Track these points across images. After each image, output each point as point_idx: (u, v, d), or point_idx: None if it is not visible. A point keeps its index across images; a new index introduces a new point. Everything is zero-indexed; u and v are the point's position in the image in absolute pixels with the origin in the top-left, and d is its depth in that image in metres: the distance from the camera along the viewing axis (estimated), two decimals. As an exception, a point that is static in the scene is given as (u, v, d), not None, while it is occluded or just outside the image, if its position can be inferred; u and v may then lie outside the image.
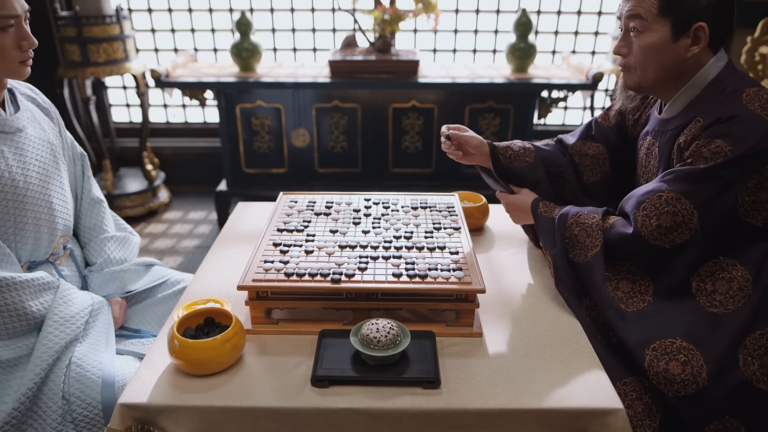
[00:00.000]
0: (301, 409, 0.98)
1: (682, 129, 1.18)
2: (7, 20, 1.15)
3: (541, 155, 1.45)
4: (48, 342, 1.20)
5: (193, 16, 3.47)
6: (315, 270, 1.15)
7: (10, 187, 1.24)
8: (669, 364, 1.07)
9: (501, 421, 0.98)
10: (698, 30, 1.13)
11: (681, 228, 1.10)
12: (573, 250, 1.22)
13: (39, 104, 1.41)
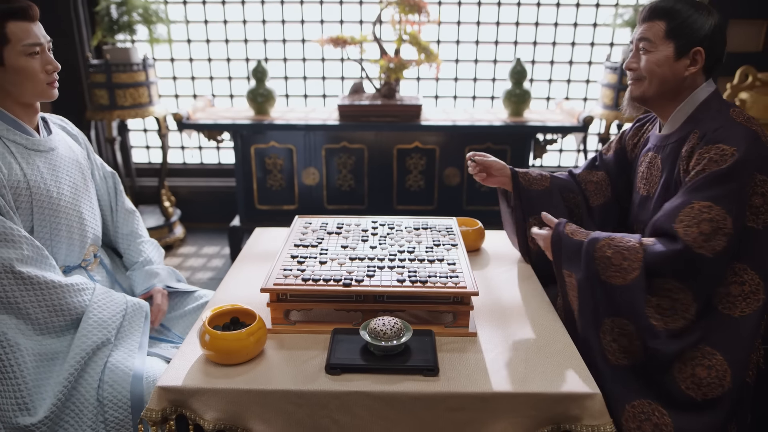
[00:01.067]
0: (316, 392, 1.11)
1: (682, 142, 1.37)
2: (33, 47, 1.36)
3: (556, 182, 1.67)
4: (82, 343, 1.34)
5: (211, 65, 3.73)
6: (328, 276, 1.30)
7: (46, 197, 1.42)
8: (696, 369, 1.21)
9: (492, 404, 1.12)
10: (696, 53, 1.34)
11: (718, 234, 1.22)
12: (606, 272, 1.28)
13: (68, 131, 1.61)
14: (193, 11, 3.63)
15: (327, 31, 3.61)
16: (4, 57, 1.33)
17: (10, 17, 1.32)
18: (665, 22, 1.35)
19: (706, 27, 1.33)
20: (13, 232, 1.31)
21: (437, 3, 3.58)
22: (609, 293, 1.27)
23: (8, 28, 1.32)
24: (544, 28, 3.64)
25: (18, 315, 1.31)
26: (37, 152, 1.44)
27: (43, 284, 1.34)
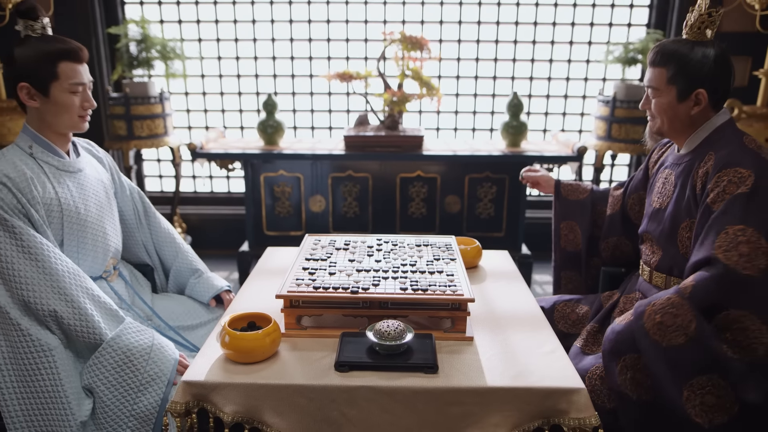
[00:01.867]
0: (326, 386, 1.22)
1: (696, 161, 1.49)
2: (77, 86, 1.52)
3: (596, 195, 1.94)
4: (87, 372, 1.42)
5: (223, 98, 3.93)
6: (337, 285, 1.42)
7: (74, 214, 1.56)
8: (704, 397, 1.26)
9: (487, 399, 1.22)
10: (698, 95, 1.46)
11: (758, 253, 1.28)
12: (666, 337, 1.30)
13: (94, 154, 1.76)
14: (208, 48, 3.84)
15: (334, 67, 3.81)
16: (50, 91, 1.49)
17: (64, 57, 1.48)
18: (666, 69, 1.47)
19: (705, 68, 1.43)
20: (59, 258, 1.45)
21: (438, 41, 3.79)
22: (678, 355, 1.28)
23: (60, 67, 1.48)
24: (540, 64, 3.83)
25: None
26: (68, 173, 1.58)
27: (90, 295, 1.47)
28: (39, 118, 1.53)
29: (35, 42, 1.49)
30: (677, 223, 1.52)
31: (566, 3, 3.72)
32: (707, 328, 1.28)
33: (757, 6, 3.12)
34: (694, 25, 1.46)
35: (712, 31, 1.46)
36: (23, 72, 1.47)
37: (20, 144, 1.52)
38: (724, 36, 3.50)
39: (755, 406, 1.24)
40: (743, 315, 1.28)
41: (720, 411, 1.25)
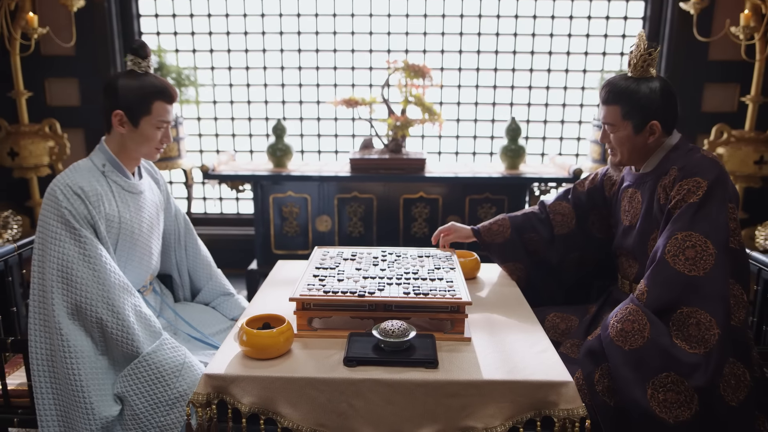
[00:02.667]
0: (335, 379, 1.34)
1: (659, 177, 1.61)
2: (164, 123, 1.67)
3: (516, 226, 1.97)
4: (121, 381, 1.52)
5: (234, 123, 4.10)
6: (345, 289, 1.55)
7: (129, 231, 1.69)
8: (666, 394, 1.36)
9: (483, 391, 1.33)
10: (652, 126, 1.60)
11: (704, 255, 1.42)
12: (627, 341, 1.42)
13: (152, 175, 1.89)
14: (220, 75, 4.03)
15: (340, 94, 3.98)
16: (140, 123, 1.63)
17: (159, 97, 1.64)
18: (620, 107, 1.60)
19: (655, 102, 1.57)
20: (114, 270, 1.57)
21: (439, 69, 3.97)
22: (642, 357, 1.39)
23: (154, 105, 1.63)
24: (538, 91, 4.01)
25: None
26: (130, 194, 1.72)
27: (136, 311, 1.59)
28: (121, 143, 1.66)
29: (138, 77, 1.64)
30: (647, 235, 1.64)
31: (562, 33, 3.91)
32: (661, 329, 1.41)
33: (741, 36, 3.30)
34: (637, 64, 1.59)
35: (653, 67, 1.60)
36: (122, 101, 1.62)
37: (95, 160, 1.65)
38: (713, 64, 3.70)
39: (703, 391, 1.34)
40: (694, 311, 1.40)
41: (682, 407, 1.35)
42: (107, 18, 3.76)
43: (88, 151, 3.90)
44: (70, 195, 1.53)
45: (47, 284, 1.50)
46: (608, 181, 1.89)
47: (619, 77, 1.64)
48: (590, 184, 1.94)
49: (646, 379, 1.39)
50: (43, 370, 1.49)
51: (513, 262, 1.97)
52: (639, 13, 3.89)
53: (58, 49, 3.71)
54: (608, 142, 1.69)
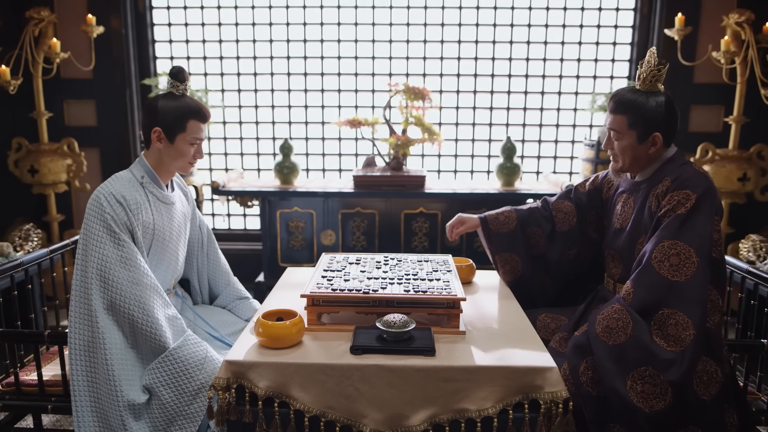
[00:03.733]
0: (343, 365, 1.49)
1: (653, 186, 1.76)
2: (197, 141, 1.85)
3: (521, 218, 2.10)
4: (149, 374, 1.68)
5: (243, 143, 4.29)
6: (351, 287, 1.70)
7: (161, 238, 1.85)
8: (644, 386, 1.50)
9: (475, 375, 1.48)
10: (655, 137, 1.74)
11: (687, 263, 1.54)
12: (611, 337, 1.55)
13: (182, 188, 2.06)
14: (230, 97, 4.23)
15: (344, 115, 4.18)
16: (175, 140, 1.81)
17: (194, 117, 1.82)
18: (626, 117, 1.74)
19: (660, 115, 1.71)
20: (147, 272, 1.73)
21: (438, 91, 4.17)
22: (624, 352, 1.53)
23: (189, 123, 1.81)
24: (532, 112, 4.20)
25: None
26: (164, 204, 1.88)
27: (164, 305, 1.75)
28: (158, 157, 1.84)
29: (176, 99, 1.82)
30: (635, 239, 1.79)
31: (554, 57, 4.12)
32: (643, 327, 1.54)
33: (722, 60, 3.50)
34: (646, 79, 1.74)
35: (660, 83, 1.75)
36: (160, 119, 1.80)
37: (134, 172, 1.83)
38: (698, 87, 3.89)
39: (676, 384, 1.47)
40: (674, 312, 1.54)
41: (657, 398, 1.48)
42: (124, 43, 3.98)
43: (103, 169, 4.10)
44: (113, 202, 1.71)
45: (88, 281, 1.66)
46: (606, 184, 2.03)
47: (628, 89, 1.78)
48: (591, 185, 2.08)
49: (626, 371, 1.53)
50: (80, 357, 1.65)
51: (510, 253, 2.08)
52: (627, 39, 4.11)
53: (77, 72, 3.92)
54: (611, 148, 1.82)
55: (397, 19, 4.10)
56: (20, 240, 3.35)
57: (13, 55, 3.59)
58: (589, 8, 4.07)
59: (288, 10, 4.10)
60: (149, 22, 4.12)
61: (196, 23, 4.15)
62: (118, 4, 3.93)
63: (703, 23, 3.83)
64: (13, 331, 1.79)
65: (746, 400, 1.74)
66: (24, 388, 1.77)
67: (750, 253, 3.25)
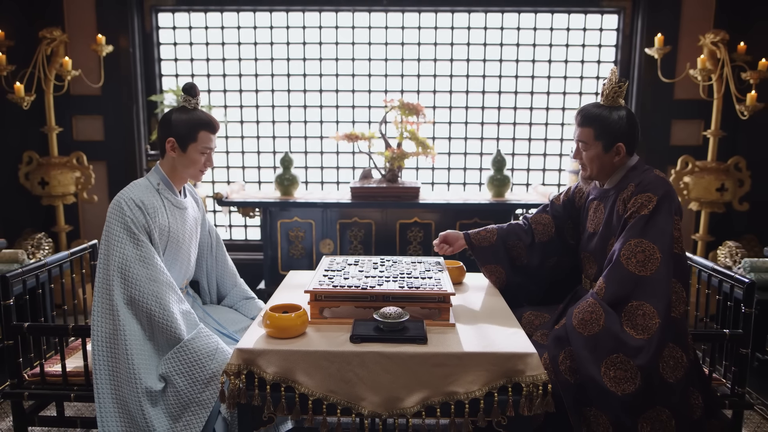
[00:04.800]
0: (343, 352, 1.64)
1: (620, 191, 1.93)
2: (207, 150, 2.02)
3: (502, 234, 2.25)
4: (165, 363, 1.83)
5: (244, 156, 4.47)
6: (351, 284, 1.86)
7: (175, 240, 2.01)
8: (616, 371, 1.67)
9: (463, 361, 1.63)
10: (618, 147, 1.92)
11: (651, 259, 1.71)
12: (586, 329, 1.73)
13: (193, 195, 2.23)
14: (232, 113, 4.42)
15: (341, 129, 4.37)
16: (187, 149, 1.98)
17: (204, 128, 1.99)
18: (593, 129, 1.92)
19: (623, 126, 1.90)
20: (163, 270, 1.89)
21: (432, 107, 4.37)
22: (598, 341, 1.70)
23: (199, 134, 1.98)
24: (521, 127, 4.40)
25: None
26: (178, 209, 2.05)
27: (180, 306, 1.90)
28: (172, 165, 2.02)
29: (188, 112, 2.00)
30: (606, 240, 1.96)
31: (542, 75, 4.33)
32: (614, 318, 1.71)
33: (699, 78, 3.70)
34: (609, 95, 1.93)
35: (621, 98, 1.94)
36: (174, 131, 1.97)
37: (151, 180, 2.00)
38: (679, 103, 4.10)
39: (645, 369, 1.63)
40: (641, 304, 1.70)
41: (628, 381, 1.65)
42: (132, 62, 4.17)
43: (110, 182, 4.26)
44: (133, 207, 1.87)
45: (110, 278, 1.81)
46: (578, 194, 2.21)
47: (593, 105, 1.96)
48: (565, 197, 2.26)
49: (600, 359, 1.70)
50: (102, 348, 1.79)
51: (495, 264, 2.24)
52: (611, 58, 4.32)
53: (86, 89, 4.10)
54: (580, 158, 2.01)
55: (392, 38, 4.31)
56: (32, 248, 3.50)
57: (27, 72, 3.77)
58: (574, 29, 4.29)
59: (288, 31, 4.30)
60: (155, 42, 4.32)
61: (200, 42, 4.35)
62: (127, 25, 4.12)
63: (681, 43, 4.05)
64: (40, 325, 1.93)
65: (711, 385, 1.90)
66: (48, 379, 1.91)
67: (727, 259, 3.43)
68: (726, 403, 1.93)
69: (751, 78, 3.58)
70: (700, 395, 1.73)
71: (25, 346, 1.93)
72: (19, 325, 1.86)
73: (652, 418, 1.64)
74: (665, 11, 4.04)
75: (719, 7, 4.01)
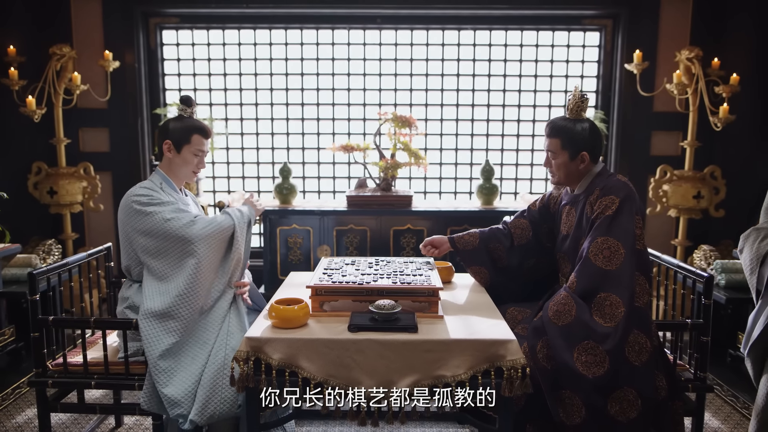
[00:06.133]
0: (342, 340, 1.81)
1: (588, 196, 2.12)
2: (200, 152, 2.23)
3: (484, 237, 2.44)
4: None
5: (244, 167, 4.65)
6: (348, 280, 2.04)
7: None
8: (586, 356, 1.85)
9: (450, 347, 1.81)
10: (582, 155, 2.12)
11: (616, 255, 1.90)
12: (560, 319, 1.92)
13: (192, 198, 2.40)
14: (233, 125, 4.61)
15: (338, 141, 4.56)
16: (182, 150, 2.20)
17: (197, 132, 2.22)
18: (560, 140, 2.14)
19: (586, 136, 2.11)
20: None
21: (424, 119, 4.58)
22: (570, 330, 1.88)
23: (193, 137, 2.21)
24: (509, 138, 4.61)
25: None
26: (181, 204, 2.24)
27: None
28: (168, 166, 2.24)
29: (184, 119, 2.24)
30: (578, 241, 2.15)
31: (528, 89, 4.55)
32: (584, 309, 1.90)
33: (675, 92, 3.93)
34: (573, 109, 2.14)
35: (584, 111, 2.15)
36: (171, 134, 2.21)
37: (153, 180, 2.22)
38: (658, 115, 4.33)
39: (612, 353, 1.82)
40: (608, 295, 1.90)
41: (597, 365, 1.83)
42: (137, 77, 4.36)
43: (115, 191, 4.43)
44: (143, 193, 2.09)
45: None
46: (552, 200, 2.41)
47: (559, 118, 2.18)
48: (540, 203, 2.46)
49: (573, 346, 1.88)
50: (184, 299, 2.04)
51: (478, 266, 2.43)
52: (594, 73, 4.55)
53: (92, 102, 4.29)
54: (550, 166, 2.22)
55: (386, 55, 4.53)
56: (43, 254, 3.66)
57: (38, 87, 3.95)
58: (559, 45, 4.52)
59: (287, 47, 4.52)
60: (160, 58, 4.52)
61: (202, 58, 4.55)
62: (132, 41, 4.32)
63: (660, 58, 4.28)
64: (64, 318, 2.10)
65: (676, 370, 2.09)
66: (70, 368, 2.07)
67: (702, 261, 3.62)
68: (689, 386, 2.11)
69: (723, 92, 3.80)
70: (665, 378, 1.91)
71: (49, 338, 2.09)
72: (44, 319, 2.03)
73: (620, 398, 1.82)
74: (644, 29, 4.28)
75: (694, 26, 4.25)
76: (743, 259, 1.86)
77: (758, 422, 1.79)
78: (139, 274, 2.12)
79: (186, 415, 1.92)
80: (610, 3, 4.32)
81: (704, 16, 4.23)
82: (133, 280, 2.16)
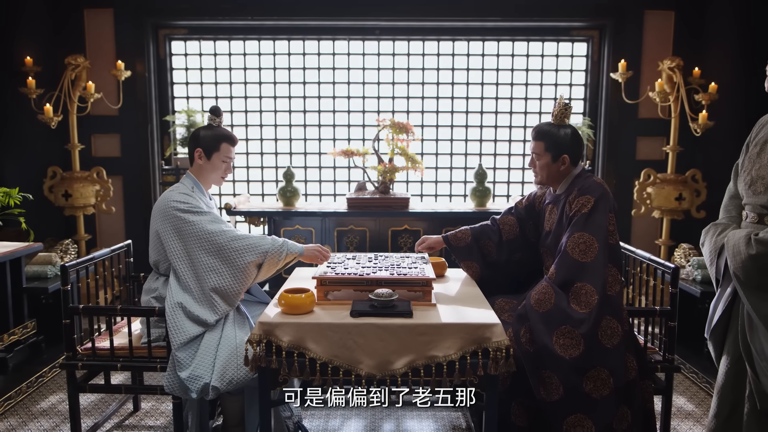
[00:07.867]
0: (345, 324, 2.02)
1: (568, 196, 2.32)
2: (227, 159, 2.43)
3: (476, 234, 2.65)
4: None
5: (249, 171, 4.87)
6: (350, 272, 2.26)
7: None
8: (564, 339, 2.04)
9: (442, 330, 2.01)
10: (564, 158, 2.33)
11: (591, 249, 2.11)
12: (541, 307, 2.11)
13: (213, 199, 2.62)
14: (238, 131, 4.82)
15: (338, 146, 4.78)
16: (212, 157, 2.40)
17: (225, 141, 2.42)
18: (543, 143, 2.35)
19: (568, 141, 2.32)
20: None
21: (420, 126, 4.80)
22: (550, 316, 2.08)
23: (222, 145, 2.41)
24: (501, 143, 4.83)
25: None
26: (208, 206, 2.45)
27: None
28: (199, 171, 2.44)
29: (213, 128, 2.44)
30: (559, 236, 2.35)
31: (519, 97, 4.77)
32: (562, 297, 2.11)
33: (657, 99, 4.15)
34: (557, 115, 2.36)
35: (567, 118, 2.37)
36: (201, 143, 2.40)
37: (185, 184, 2.41)
38: (643, 121, 4.55)
39: (586, 336, 2.02)
40: (584, 284, 2.10)
41: (573, 348, 2.04)
42: (147, 85, 4.58)
43: (126, 195, 4.64)
44: (182, 199, 2.29)
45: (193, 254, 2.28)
46: (537, 199, 2.62)
47: (545, 123, 2.38)
48: (526, 201, 2.67)
49: (552, 330, 2.09)
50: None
51: (470, 261, 2.64)
52: (581, 81, 4.78)
53: (104, 109, 4.50)
54: (534, 166, 2.43)
55: (384, 64, 4.75)
56: (61, 253, 3.86)
57: (54, 95, 4.17)
58: (548, 55, 4.75)
59: (290, 57, 4.74)
60: (169, 67, 4.74)
61: (209, 68, 4.77)
62: (143, 51, 4.54)
63: (644, 68, 4.51)
64: (93, 307, 2.31)
65: (647, 353, 2.30)
66: (98, 352, 2.28)
67: (681, 259, 3.84)
68: (658, 367, 2.32)
69: (702, 99, 4.03)
70: (635, 359, 2.12)
71: (78, 325, 2.30)
72: (75, 307, 2.23)
73: (593, 377, 2.03)
74: (629, 40, 4.51)
75: (677, 37, 4.48)
76: (704, 251, 2.07)
77: (718, 398, 2.00)
78: (167, 269, 2.32)
79: (208, 384, 2.13)
80: (597, 15, 4.55)
81: (686, 28, 4.46)
82: (159, 273, 2.37)
